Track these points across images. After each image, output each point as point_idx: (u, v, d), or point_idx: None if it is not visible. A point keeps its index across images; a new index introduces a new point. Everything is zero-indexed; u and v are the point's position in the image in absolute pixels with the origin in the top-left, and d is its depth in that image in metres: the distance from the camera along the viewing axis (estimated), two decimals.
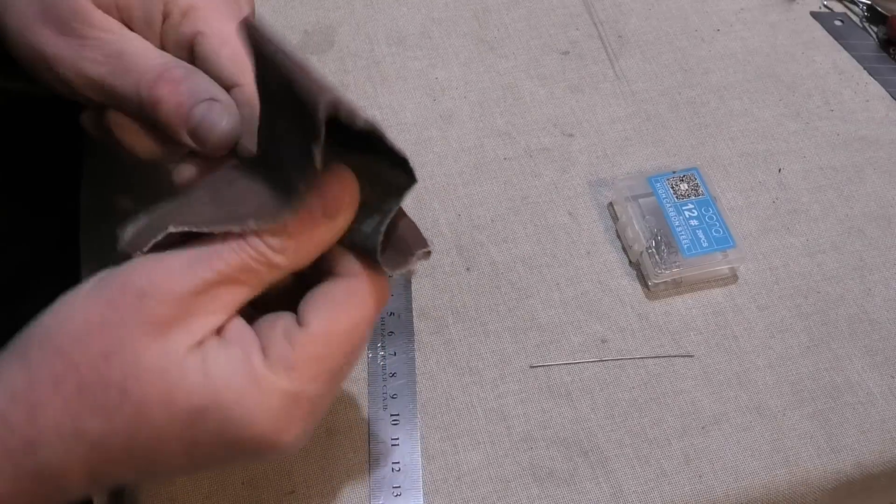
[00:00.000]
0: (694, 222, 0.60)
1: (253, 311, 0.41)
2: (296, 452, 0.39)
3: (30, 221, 0.66)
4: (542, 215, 0.63)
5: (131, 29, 0.47)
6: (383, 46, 0.71)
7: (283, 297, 0.41)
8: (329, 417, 0.54)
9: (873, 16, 0.77)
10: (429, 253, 0.42)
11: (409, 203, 0.63)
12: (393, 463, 0.53)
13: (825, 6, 0.77)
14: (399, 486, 0.52)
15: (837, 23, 0.76)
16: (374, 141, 0.39)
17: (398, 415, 0.54)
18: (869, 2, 0.78)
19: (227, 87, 0.46)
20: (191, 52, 0.47)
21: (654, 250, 0.59)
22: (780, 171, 0.67)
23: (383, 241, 0.41)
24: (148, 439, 0.36)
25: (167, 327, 0.36)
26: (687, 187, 0.61)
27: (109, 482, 0.39)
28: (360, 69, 0.70)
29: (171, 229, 0.39)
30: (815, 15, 0.77)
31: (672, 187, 0.61)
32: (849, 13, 0.78)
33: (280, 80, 0.37)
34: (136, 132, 0.48)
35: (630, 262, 0.62)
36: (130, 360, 0.36)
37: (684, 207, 0.61)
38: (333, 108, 0.35)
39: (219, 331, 0.38)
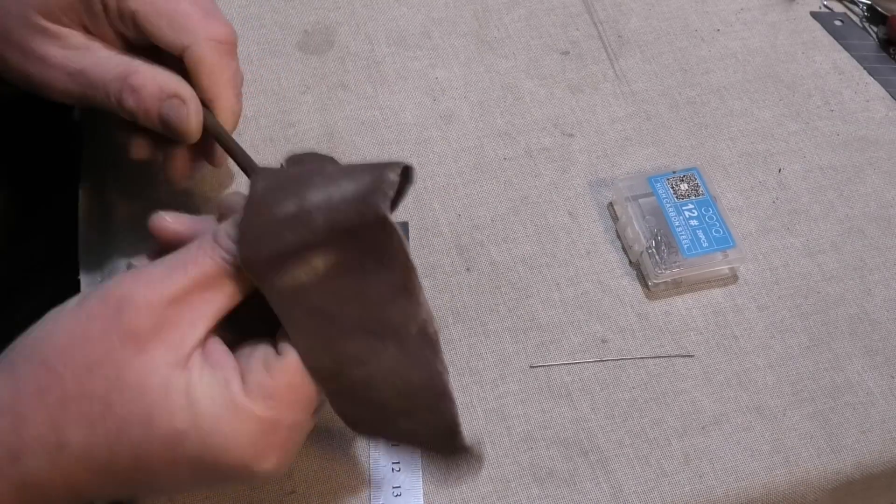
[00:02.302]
0: (694, 222, 0.60)
1: (233, 337, 0.41)
2: (278, 477, 0.40)
3: (33, 220, 0.66)
4: (542, 215, 0.63)
5: (85, 27, 0.49)
6: (383, 46, 0.71)
7: (261, 323, 0.42)
8: (329, 418, 0.54)
9: (873, 16, 0.77)
10: None
11: (410, 203, 0.63)
12: (393, 463, 0.53)
13: (825, 6, 0.77)
14: (399, 486, 0.52)
15: (837, 23, 0.76)
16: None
17: None
18: (869, 2, 0.78)
19: (179, 53, 0.49)
20: (135, 24, 0.49)
21: (654, 250, 0.59)
22: (780, 171, 0.67)
23: None
24: (128, 455, 0.37)
25: (147, 339, 0.37)
26: (687, 187, 0.61)
27: (93, 496, 0.39)
28: (360, 69, 0.70)
29: None
30: (815, 15, 0.77)
31: (672, 187, 0.61)
32: (849, 13, 0.78)
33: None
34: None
35: (630, 262, 0.62)
36: (113, 373, 0.36)
37: (684, 207, 0.61)
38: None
39: (202, 351, 0.39)
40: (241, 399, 0.38)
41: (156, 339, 0.37)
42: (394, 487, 0.52)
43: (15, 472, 0.36)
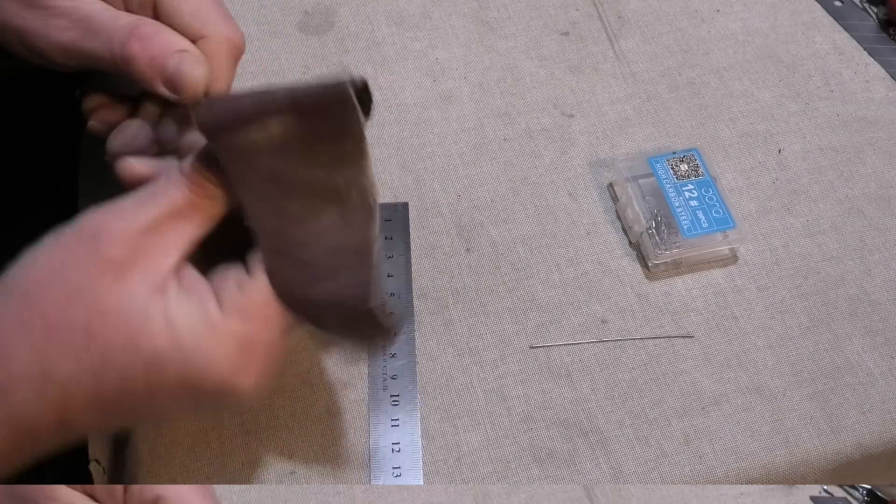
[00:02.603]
0: (694, 203, 0.60)
1: (205, 267, 0.42)
2: (256, 399, 0.41)
3: (32, 208, 0.66)
4: (542, 196, 0.63)
5: None
6: (383, 27, 0.71)
7: (231, 252, 0.43)
8: (329, 398, 0.54)
9: None
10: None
11: (410, 183, 0.63)
12: (393, 444, 0.53)
13: None
14: (399, 467, 0.52)
15: (837, 3, 0.76)
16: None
17: (398, 395, 0.55)
18: None
19: (193, 40, 0.48)
20: (155, 12, 0.48)
21: (654, 231, 0.59)
22: (780, 151, 0.67)
23: None
24: (113, 382, 0.38)
25: (124, 269, 0.38)
26: (687, 168, 0.61)
27: (81, 428, 0.41)
28: (360, 50, 0.70)
29: None
30: None
31: (672, 168, 0.61)
32: None
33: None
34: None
35: (630, 242, 0.62)
36: (92, 301, 0.37)
37: (684, 188, 0.60)
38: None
39: (176, 277, 0.40)
40: (218, 318, 0.39)
41: (132, 267, 0.38)
42: (394, 468, 0.52)
43: (3, 409, 0.37)
